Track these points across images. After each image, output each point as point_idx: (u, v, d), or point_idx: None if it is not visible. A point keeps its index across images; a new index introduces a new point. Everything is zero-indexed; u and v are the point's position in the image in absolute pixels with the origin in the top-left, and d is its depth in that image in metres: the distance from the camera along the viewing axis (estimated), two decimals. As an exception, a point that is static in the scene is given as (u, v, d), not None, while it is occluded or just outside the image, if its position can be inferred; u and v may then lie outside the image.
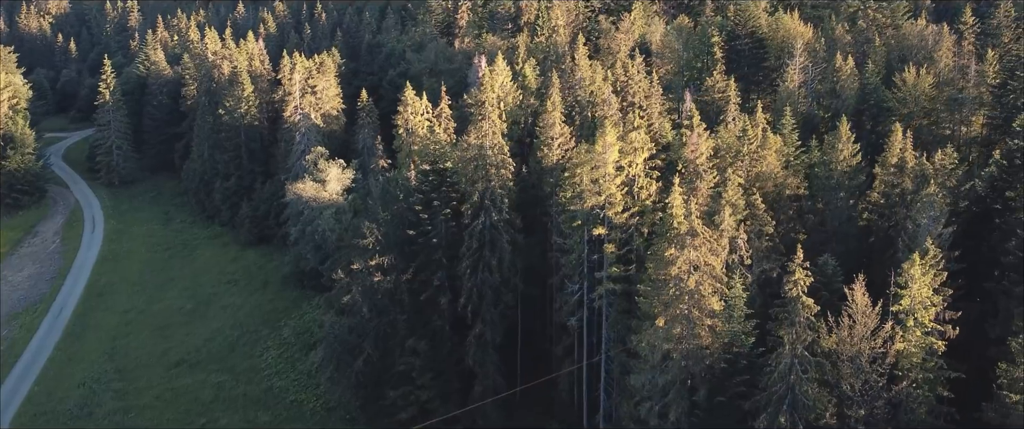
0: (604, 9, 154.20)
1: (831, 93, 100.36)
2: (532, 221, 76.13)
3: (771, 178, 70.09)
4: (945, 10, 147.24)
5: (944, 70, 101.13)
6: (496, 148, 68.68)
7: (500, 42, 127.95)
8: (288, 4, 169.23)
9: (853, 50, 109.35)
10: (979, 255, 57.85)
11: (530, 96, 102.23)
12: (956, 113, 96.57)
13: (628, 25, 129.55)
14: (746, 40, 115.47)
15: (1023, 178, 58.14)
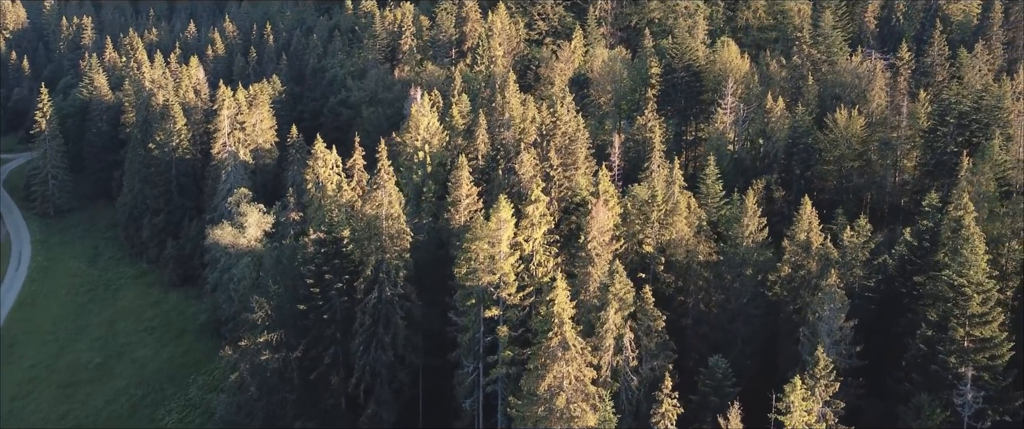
0: (551, 32, 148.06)
1: (762, 134, 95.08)
2: (441, 282, 70.29)
3: (682, 245, 64.74)
4: (891, 34, 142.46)
5: (876, 110, 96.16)
6: (392, 218, 62.71)
7: (439, 71, 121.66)
8: (238, 24, 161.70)
9: (788, 87, 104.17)
10: (887, 345, 52.74)
11: (457, 137, 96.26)
12: (887, 156, 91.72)
13: (568, 54, 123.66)
14: (682, 73, 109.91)
15: (933, 263, 52.96)
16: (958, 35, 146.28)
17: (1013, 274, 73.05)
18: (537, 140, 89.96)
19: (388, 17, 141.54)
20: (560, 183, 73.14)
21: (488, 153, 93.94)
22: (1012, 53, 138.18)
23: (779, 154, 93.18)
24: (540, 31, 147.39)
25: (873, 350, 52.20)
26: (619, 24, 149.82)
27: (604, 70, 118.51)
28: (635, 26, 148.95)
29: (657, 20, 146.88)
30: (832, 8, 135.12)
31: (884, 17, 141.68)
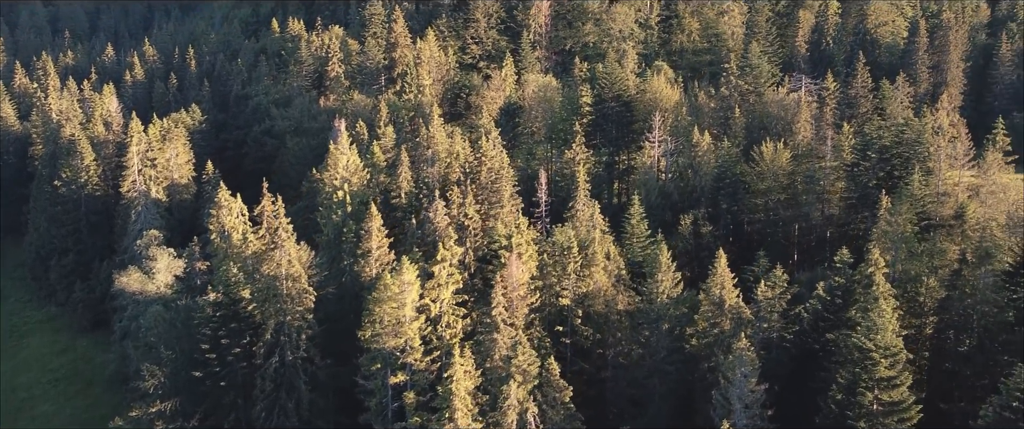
0: (485, 56, 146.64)
1: (690, 168, 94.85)
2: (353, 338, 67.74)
3: (600, 296, 63.51)
4: (821, 58, 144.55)
5: (802, 142, 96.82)
6: (293, 278, 60.10)
7: (366, 100, 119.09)
8: (159, 47, 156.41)
9: (716, 118, 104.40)
10: (802, 402, 52.12)
11: (380, 174, 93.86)
12: (813, 189, 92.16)
13: (499, 82, 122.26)
14: (613, 103, 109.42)
15: (846, 319, 52.59)
16: (887, 57, 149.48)
17: (931, 312, 74.01)
18: (461, 178, 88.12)
19: (315, 42, 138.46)
20: (475, 233, 71.20)
21: (411, 191, 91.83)
22: (937, 76, 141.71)
23: (706, 188, 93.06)
24: (474, 55, 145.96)
25: (788, 408, 51.52)
26: (554, 47, 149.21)
27: (537, 98, 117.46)
28: (570, 50, 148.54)
29: (592, 44, 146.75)
30: (762, 34, 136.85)
31: (815, 41, 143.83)
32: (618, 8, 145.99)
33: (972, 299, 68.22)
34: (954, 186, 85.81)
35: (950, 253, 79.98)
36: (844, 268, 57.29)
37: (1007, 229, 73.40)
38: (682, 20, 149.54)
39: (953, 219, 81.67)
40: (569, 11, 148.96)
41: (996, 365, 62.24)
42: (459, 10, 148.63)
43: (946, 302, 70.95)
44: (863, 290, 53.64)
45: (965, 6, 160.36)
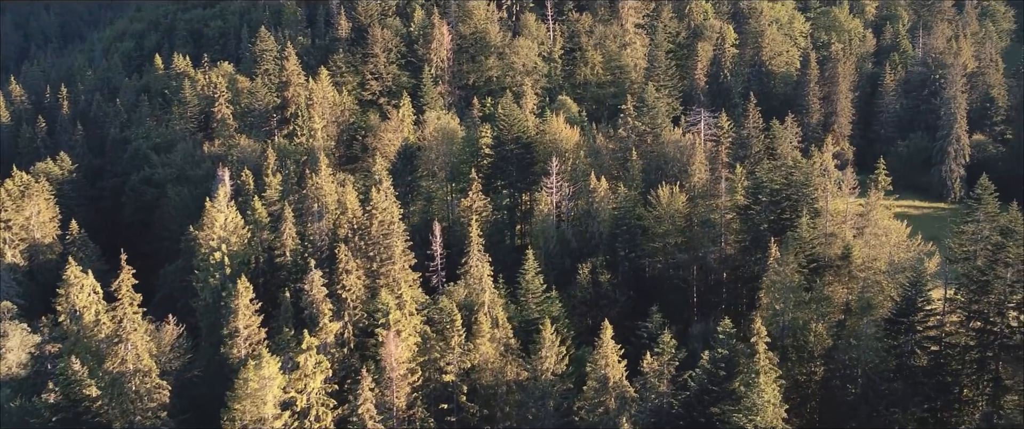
0: (385, 92, 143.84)
1: (587, 215, 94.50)
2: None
3: (487, 368, 61.63)
4: (720, 90, 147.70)
5: (698, 184, 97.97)
6: (143, 373, 55.92)
7: (254, 145, 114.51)
8: (28, 85, 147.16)
9: (615, 160, 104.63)
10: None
11: (262, 230, 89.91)
12: (708, 233, 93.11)
13: (397, 123, 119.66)
14: (512, 145, 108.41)
15: (730, 392, 52.27)
16: (781, 88, 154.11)
17: (819, 357, 75.36)
18: (349, 234, 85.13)
19: (201, 80, 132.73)
20: (355, 304, 68.37)
21: (296, 248, 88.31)
22: (828, 107, 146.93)
23: (605, 235, 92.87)
24: (374, 91, 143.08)
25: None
26: (457, 82, 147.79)
27: (436, 138, 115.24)
28: (474, 84, 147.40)
29: (495, 78, 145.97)
30: (661, 69, 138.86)
31: (713, 73, 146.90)
32: (521, 42, 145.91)
33: (856, 349, 69.71)
34: (842, 224, 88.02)
35: (838, 295, 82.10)
36: (727, 338, 57.18)
37: (888, 275, 75.36)
38: (585, 53, 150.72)
39: (840, 260, 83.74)
40: (471, 45, 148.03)
41: (878, 415, 63.34)
42: (357, 45, 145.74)
43: (832, 351, 72.33)
44: (746, 360, 53.57)
45: (852, 37, 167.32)
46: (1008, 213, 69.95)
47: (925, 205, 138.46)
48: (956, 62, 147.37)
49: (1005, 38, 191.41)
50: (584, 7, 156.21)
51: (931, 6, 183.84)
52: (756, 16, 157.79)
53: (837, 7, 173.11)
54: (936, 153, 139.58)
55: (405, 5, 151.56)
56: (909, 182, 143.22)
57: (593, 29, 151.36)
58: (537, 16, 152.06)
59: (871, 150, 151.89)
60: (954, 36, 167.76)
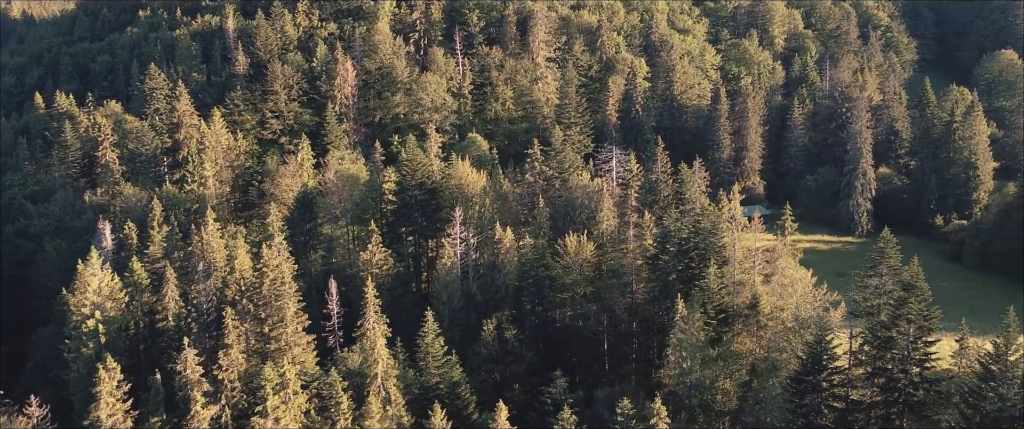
0: (287, 130, 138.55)
1: (493, 267, 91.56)
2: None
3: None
4: (632, 125, 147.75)
5: (606, 231, 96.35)
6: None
7: (140, 194, 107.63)
8: None
9: (522, 207, 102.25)
10: None
11: (143, 293, 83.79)
12: (616, 284, 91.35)
13: (296, 167, 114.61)
14: (416, 191, 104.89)
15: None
16: (693, 122, 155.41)
17: (726, 413, 74.15)
18: (236, 296, 79.97)
19: (84, 121, 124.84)
20: (232, 385, 63.54)
21: (180, 313, 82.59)
22: (739, 142, 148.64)
23: (511, 287, 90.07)
24: (274, 130, 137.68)
25: None
26: (363, 120, 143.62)
27: (338, 182, 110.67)
28: (380, 122, 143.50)
29: (403, 115, 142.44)
30: (572, 106, 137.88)
31: (625, 108, 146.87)
32: (429, 77, 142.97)
33: (763, 409, 68.61)
34: (750, 270, 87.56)
35: (746, 347, 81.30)
36: (626, 420, 54.89)
37: (794, 331, 74.80)
38: (496, 88, 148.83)
39: (748, 309, 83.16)
40: (377, 81, 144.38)
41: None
42: (256, 81, 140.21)
43: (739, 411, 71.15)
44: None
45: (762, 70, 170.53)
46: (910, 268, 70.17)
47: (834, 239, 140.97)
48: (861, 96, 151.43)
49: (908, 69, 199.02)
50: (494, 41, 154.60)
51: (838, 38, 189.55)
52: (668, 49, 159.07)
53: (747, 40, 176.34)
54: (843, 187, 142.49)
55: (307, 39, 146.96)
56: (818, 216, 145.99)
57: (504, 63, 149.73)
58: (446, 50, 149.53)
59: (782, 184, 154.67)
60: (860, 68, 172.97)
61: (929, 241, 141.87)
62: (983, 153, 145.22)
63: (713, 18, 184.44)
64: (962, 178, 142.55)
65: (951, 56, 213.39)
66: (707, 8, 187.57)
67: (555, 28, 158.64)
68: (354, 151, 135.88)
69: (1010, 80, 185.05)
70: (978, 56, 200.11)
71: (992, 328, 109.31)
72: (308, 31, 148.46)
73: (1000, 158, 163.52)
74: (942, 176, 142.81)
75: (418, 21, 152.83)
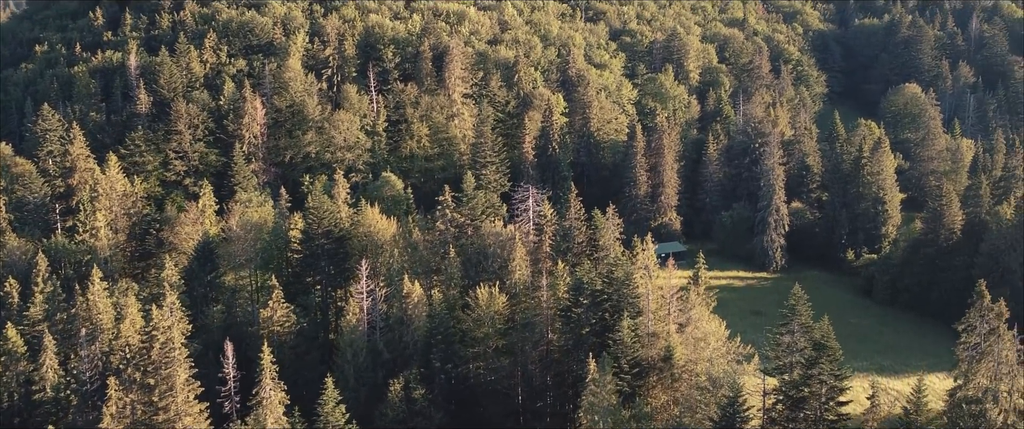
0: (191, 172, 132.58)
1: (401, 322, 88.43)
2: None
3: None
4: (549, 163, 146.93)
5: (520, 281, 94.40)
6: None
7: (25, 246, 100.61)
8: None
9: (434, 254, 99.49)
10: None
11: (19, 361, 77.67)
12: (529, 337, 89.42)
13: (196, 214, 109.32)
14: (323, 239, 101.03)
15: None
16: (610, 157, 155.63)
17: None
18: (121, 366, 74.78)
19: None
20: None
21: (59, 383, 76.82)
22: (655, 178, 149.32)
23: (420, 343, 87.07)
24: (178, 172, 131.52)
25: None
26: (272, 159, 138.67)
27: (242, 230, 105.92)
28: (291, 161, 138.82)
29: (314, 154, 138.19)
30: (487, 146, 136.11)
31: (542, 145, 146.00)
32: (341, 115, 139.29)
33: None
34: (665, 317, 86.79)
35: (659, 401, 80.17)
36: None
37: (706, 391, 73.92)
38: (411, 125, 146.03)
39: (662, 361, 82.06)
40: (288, 119, 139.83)
41: None
42: (159, 120, 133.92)
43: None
44: None
45: (677, 105, 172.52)
46: (821, 324, 70.14)
47: (749, 275, 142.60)
48: (773, 131, 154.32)
49: (818, 102, 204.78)
50: (409, 77, 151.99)
51: (751, 72, 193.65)
52: (584, 85, 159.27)
53: (663, 74, 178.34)
54: (758, 223, 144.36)
55: (214, 76, 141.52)
56: (734, 251, 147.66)
57: (419, 100, 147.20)
58: (360, 87, 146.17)
59: (698, 219, 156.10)
60: (772, 103, 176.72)
61: (841, 275, 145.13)
62: (891, 188, 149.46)
63: (630, 52, 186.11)
64: (871, 213, 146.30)
65: (859, 88, 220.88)
66: (624, 43, 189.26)
67: (472, 64, 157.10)
68: (262, 192, 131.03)
69: (914, 113, 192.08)
70: (884, 88, 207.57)
71: (903, 366, 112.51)
72: (215, 68, 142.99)
73: (907, 189, 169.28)
74: (852, 210, 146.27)
75: (331, 57, 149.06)
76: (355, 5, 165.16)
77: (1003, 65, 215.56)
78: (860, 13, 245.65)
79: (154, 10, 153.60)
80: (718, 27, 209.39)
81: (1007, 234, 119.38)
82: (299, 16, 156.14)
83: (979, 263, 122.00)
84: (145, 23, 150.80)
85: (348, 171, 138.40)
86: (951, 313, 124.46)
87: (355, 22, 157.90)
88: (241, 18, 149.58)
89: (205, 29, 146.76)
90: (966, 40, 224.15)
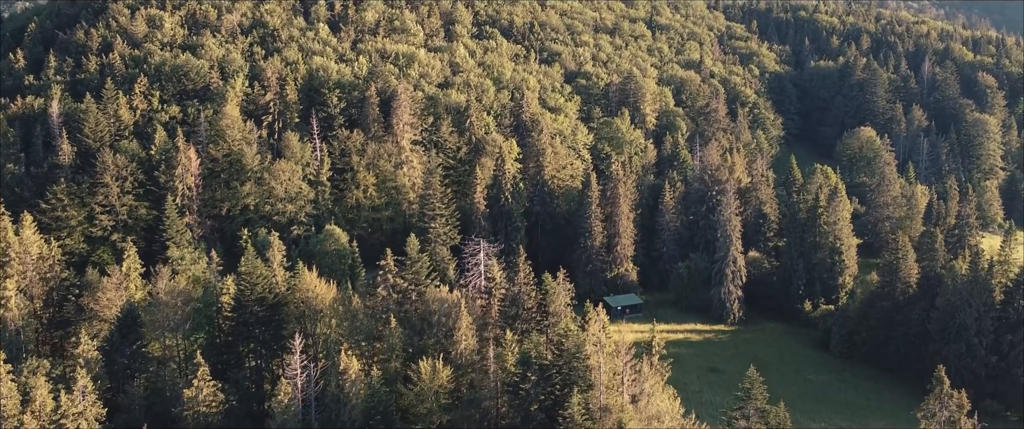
0: (120, 226, 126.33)
1: (338, 401, 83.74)
2: None
3: None
4: (501, 214, 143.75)
5: (465, 353, 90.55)
6: None
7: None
8: None
9: (376, 321, 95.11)
10: None
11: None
12: (473, 415, 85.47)
13: (119, 278, 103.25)
14: (256, 307, 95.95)
15: None
16: (564, 205, 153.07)
17: None
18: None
19: None
20: None
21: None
22: (611, 228, 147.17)
23: (357, 422, 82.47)
24: (104, 227, 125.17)
25: None
26: (208, 212, 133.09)
27: (170, 295, 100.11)
28: (228, 214, 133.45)
29: (253, 206, 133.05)
30: (437, 197, 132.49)
31: (494, 196, 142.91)
32: (282, 165, 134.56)
33: None
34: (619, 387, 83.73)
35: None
36: None
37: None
38: (356, 174, 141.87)
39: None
40: (225, 169, 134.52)
41: None
42: (84, 172, 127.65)
43: None
44: None
45: (634, 150, 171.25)
46: (776, 411, 67.60)
47: (706, 328, 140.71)
48: (730, 179, 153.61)
49: (775, 145, 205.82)
50: (355, 123, 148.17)
51: (707, 115, 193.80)
52: (538, 130, 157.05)
53: (619, 118, 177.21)
54: (715, 275, 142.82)
55: (145, 124, 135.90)
56: (691, 303, 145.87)
57: (365, 147, 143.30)
58: (302, 135, 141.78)
59: (655, 268, 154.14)
60: (729, 148, 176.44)
61: (799, 326, 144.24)
62: (847, 236, 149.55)
63: (585, 95, 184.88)
64: (828, 263, 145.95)
65: (815, 130, 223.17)
66: (579, 85, 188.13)
67: (421, 108, 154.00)
68: (197, 248, 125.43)
69: (869, 157, 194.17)
70: (840, 131, 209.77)
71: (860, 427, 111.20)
72: (146, 115, 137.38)
73: (862, 234, 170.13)
74: (809, 260, 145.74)
75: (272, 102, 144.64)
76: (298, 47, 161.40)
77: (955, 107, 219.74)
78: (815, 55, 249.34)
79: (81, 52, 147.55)
80: (675, 69, 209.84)
81: (962, 289, 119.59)
82: (238, 59, 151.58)
83: (935, 317, 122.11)
84: (70, 66, 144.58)
85: (289, 224, 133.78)
86: (908, 368, 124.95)
87: (298, 65, 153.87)
88: (175, 61, 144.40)
89: (136, 73, 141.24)
90: (919, 82, 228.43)
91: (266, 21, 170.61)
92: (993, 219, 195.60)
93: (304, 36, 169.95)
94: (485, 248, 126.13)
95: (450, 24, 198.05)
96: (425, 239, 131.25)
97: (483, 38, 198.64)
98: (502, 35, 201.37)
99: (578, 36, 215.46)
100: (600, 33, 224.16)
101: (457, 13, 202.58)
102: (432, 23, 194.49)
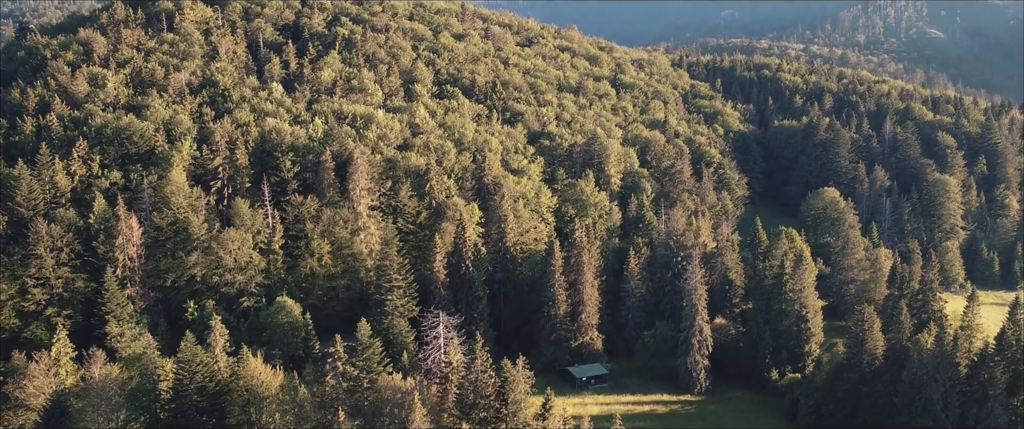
0: (55, 300, 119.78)
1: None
2: None
3: None
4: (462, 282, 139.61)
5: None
6: None
7: None
8: None
9: (320, 416, 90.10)
10: None
11: None
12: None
13: (48, 364, 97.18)
14: (196, 396, 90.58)
15: None
16: (528, 272, 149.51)
17: None
18: None
19: None
20: None
21: None
22: (575, 296, 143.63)
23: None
24: (38, 301, 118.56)
25: None
26: (151, 284, 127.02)
27: (103, 382, 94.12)
28: (173, 285, 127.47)
29: (199, 277, 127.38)
30: (393, 269, 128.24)
31: (455, 264, 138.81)
32: (231, 233, 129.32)
33: None
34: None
35: None
36: None
37: None
38: (310, 242, 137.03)
39: None
40: (169, 238, 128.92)
41: None
42: (16, 242, 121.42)
43: None
44: None
45: (599, 215, 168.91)
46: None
47: (673, 398, 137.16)
48: (696, 243, 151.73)
49: (740, 205, 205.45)
50: (310, 188, 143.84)
51: (673, 176, 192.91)
52: (501, 194, 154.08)
53: (583, 180, 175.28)
54: (681, 343, 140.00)
55: (84, 191, 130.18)
56: (657, 371, 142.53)
57: (320, 214, 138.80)
58: (253, 201, 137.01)
59: (620, 336, 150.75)
60: (694, 211, 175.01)
61: (766, 395, 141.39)
62: (813, 304, 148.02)
63: (549, 156, 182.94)
64: (794, 330, 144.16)
65: (780, 190, 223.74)
66: (543, 146, 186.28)
67: (379, 172, 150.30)
68: (139, 322, 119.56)
69: (833, 217, 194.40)
70: (804, 191, 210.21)
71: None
72: (85, 180, 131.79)
73: (827, 296, 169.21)
74: (775, 328, 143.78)
75: (221, 167, 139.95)
76: (250, 107, 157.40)
77: (916, 167, 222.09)
78: (779, 114, 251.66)
79: (16, 113, 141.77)
80: (639, 129, 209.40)
81: (928, 364, 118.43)
82: (185, 120, 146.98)
83: (901, 391, 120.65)
84: (4, 128, 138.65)
85: (239, 295, 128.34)
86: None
87: (250, 127, 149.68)
88: (117, 123, 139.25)
89: (75, 136, 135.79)
90: (881, 142, 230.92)
91: (216, 80, 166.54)
92: (954, 279, 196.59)
93: (256, 96, 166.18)
94: (445, 321, 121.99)
95: (410, 83, 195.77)
96: (382, 312, 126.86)
97: (444, 97, 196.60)
98: (464, 94, 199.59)
99: (542, 95, 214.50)
100: (564, 92, 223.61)
101: (417, 72, 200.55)
102: (391, 82, 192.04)
